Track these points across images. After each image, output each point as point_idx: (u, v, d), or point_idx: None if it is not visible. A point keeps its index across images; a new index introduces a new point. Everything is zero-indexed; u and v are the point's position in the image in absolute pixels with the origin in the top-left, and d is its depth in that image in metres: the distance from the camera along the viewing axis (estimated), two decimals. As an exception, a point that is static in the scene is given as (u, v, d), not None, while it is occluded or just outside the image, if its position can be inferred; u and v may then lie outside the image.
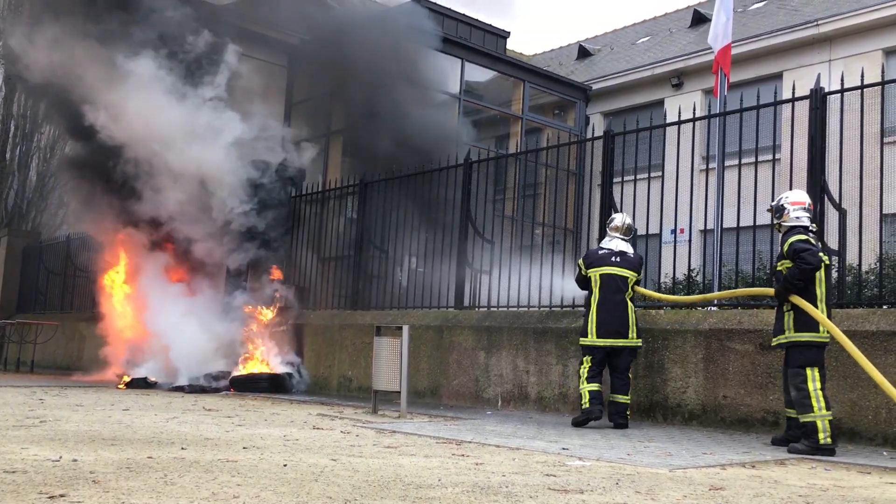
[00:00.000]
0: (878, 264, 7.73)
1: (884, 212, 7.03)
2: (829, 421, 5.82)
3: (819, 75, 8.40)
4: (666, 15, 25.25)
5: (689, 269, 10.31)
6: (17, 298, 20.53)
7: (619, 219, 7.96)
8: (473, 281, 10.49)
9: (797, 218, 6.23)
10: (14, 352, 17.63)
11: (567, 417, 8.12)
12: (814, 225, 6.40)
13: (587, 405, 7.33)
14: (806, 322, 5.98)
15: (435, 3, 18.37)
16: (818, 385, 5.91)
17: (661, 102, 18.97)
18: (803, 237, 6.07)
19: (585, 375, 7.46)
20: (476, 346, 9.59)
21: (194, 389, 11.04)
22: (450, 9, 18.64)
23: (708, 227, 8.91)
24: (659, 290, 10.06)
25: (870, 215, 7.27)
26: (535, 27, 59.17)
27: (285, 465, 4.36)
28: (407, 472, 4.26)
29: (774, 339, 6.26)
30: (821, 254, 6.14)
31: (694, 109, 8.90)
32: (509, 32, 20.07)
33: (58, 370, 16.27)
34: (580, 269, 7.86)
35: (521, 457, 5.14)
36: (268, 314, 12.02)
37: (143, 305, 12.90)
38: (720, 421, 7.32)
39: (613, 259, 7.67)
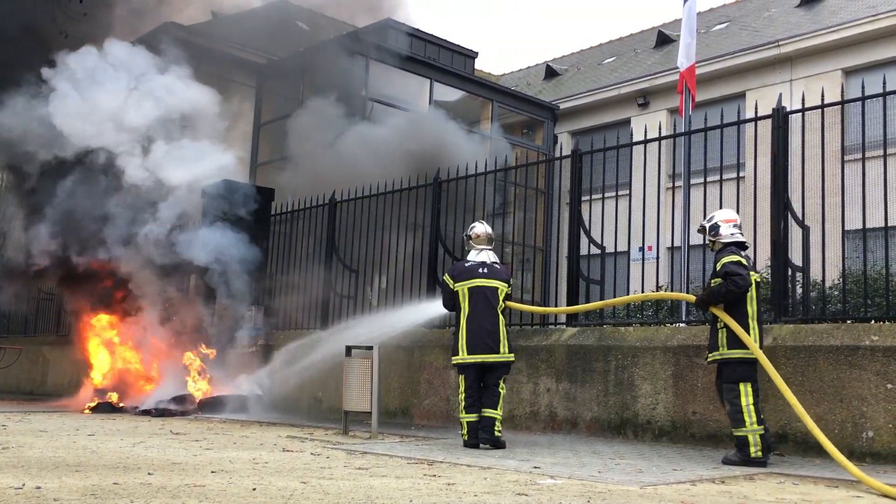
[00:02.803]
0: (841, 280, 7.86)
1: (846, 228, 7.16)
2: (761, 435, 5.99)
3: (781, 95, 8.58)
4: (631, 35, 25.62)
5: (658, 286, 10.41)
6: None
7: (480, 227, 7.56)
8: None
9: (732, 235, 6.39)
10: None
11: (538, 436, 8.13)
12: (747, 241, 6.53)
13: (465, 437, 7.05)
14: (737, 339, 6.11)
15: (403, 24, 18.46)
16: (751, 400, 6.05)
17: (627, 121, 19.21)
18: (736, 258, 6.22)
19: (463, 404, 7.11)
20: (447, 365, 9.56)
21: (161, 413, 10.87)
22: (418, 29, 18.75)
23: (675, 245, 9.01)
24: (627, 308, 10.15)
25: (832, 232, 7.39)
26: (503, 47, 59.72)
27: (254, 489, 4.30)
28: (378, 494, 4.23)
29: (709, 356, 6.36)
30: (751, 273, 6.27)
31: (660, 128, 9.02)
32: (477, 52, 20.24)
33: (21, 395, 15.94)
34: (447, 285, 7.43)
35: (493, 476, 5.13)
36: (239, 338, 11.91)
37: (114, 332, 12.77)
38: (690, 437, 7.36)
39: (481, 271, 7.29)
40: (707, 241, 6.62)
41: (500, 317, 7.24)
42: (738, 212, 7.70)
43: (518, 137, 20.42)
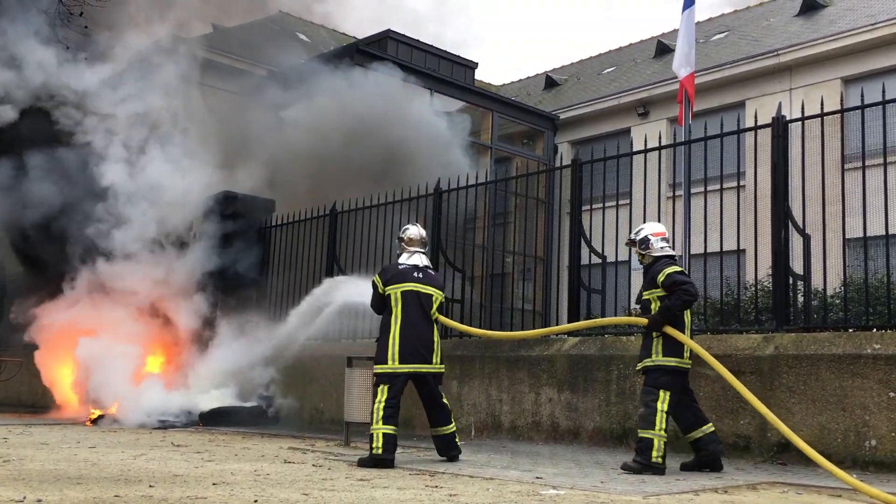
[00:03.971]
0: (842, 288, 7.85)
1: (847, 236, 7.16)
2: (665, 443, 5.98)
3: (780, 104, 8.59)
4: (630, 45, 25.70)
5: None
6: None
7: (413, 230, 7.14)
8: (445, 310, 10.47)
9: (662, 248, 6.40)
10: (-24, 390, 17.23)
11: (541, 446, 8.10)
12: (677, 253, 6.57)
13: (380, 451, 6.35)
14: (673, 348, 6.12)
15: (403, 35, 18.54)
16: (666, 408, 6.05)
17: (627, 131, 19.24)
18: (678, 268, 6.24)
19: (381, 413, 6.52)
20: (448, 375, 9.52)
21: (163, 425, 10.85)
22: (418, 40, 18.82)
23: (676, 254, 9.01)
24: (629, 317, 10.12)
25: (833, 240, 7.40)
26: (503, 58, 59.90)
27: (256, 501, 4.29)
28: (380, 505, 4.21)
29: (640, 364, 6.31)
30: None
31: (660, 138, 9.03)
32: (477, 63, 20.30)
33: (23, 408, 15.90)
34: (376, 286, 6.93)
35: (496, 487, 5.11)
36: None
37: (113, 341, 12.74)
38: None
39: (416, 275, 6.86)
40: (637, 254, 6.57)
41: (435, 325, 6.87)
42: (738, 220, 7.72)
43: (518, 147, 20.45)
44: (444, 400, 6.94)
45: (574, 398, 8.31)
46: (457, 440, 6.91)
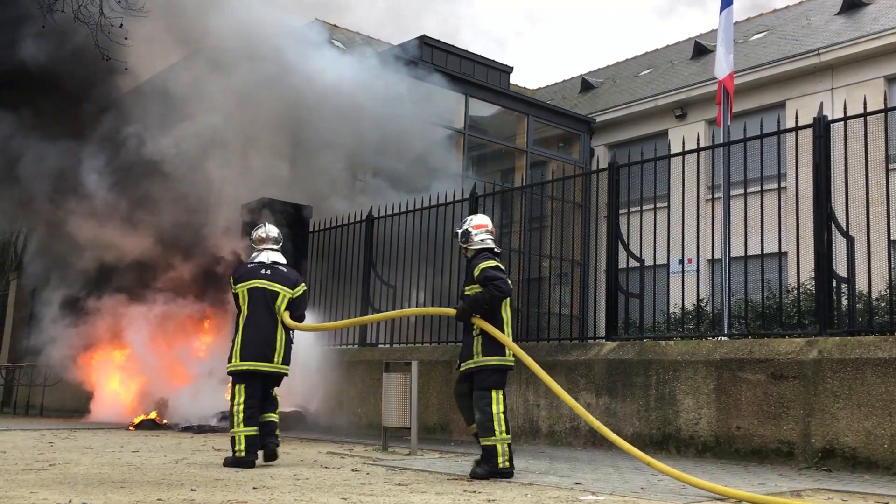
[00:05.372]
0: (888, 291, 7.69)
1: (892, 238, 7.01)
2: (508, 444, 5.84)
3: (822, 104, 8.45)
4: (667, 47, 25.44)
5: (698, 299, 10.28)
6: (27, 341, 20.56)
7: (260, 230, 7.12)
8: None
9: (482, 241, 6.25)
10: (23, 395, 17.61)
11: (579, 451, 8.05)
12: (499, 248, 6.38)
13: (243, 454, 6.37)
14: (493, 346, 5.97)
15: (439, 41, 18.58)
16: (501, 409, 5.90)
17: (664, 133, 19.05)
18: (494, 263, 6.07)
19: (241, 416, 6.47)
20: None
21: (204, 429, 10.98)
22: (453, 46, 18.86)
23: (715, 257, 8.90)
24: (668, 321, 10.03)
25: (878, 242, 7.24)
26: (538, 62, 59.74)
27: (296, 505, 4.32)
28: (418, 510, 4.21)
29: (463, 365, 6.12)
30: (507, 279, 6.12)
31: (698, 140, 8.94)
32: (512, 67, 20.26)
33: (67, 413, 16.22)
34: (231, 286, 6.95)
35: (534, 492, 5.09)
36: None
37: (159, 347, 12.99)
38: (734, 452, 7.24)
39: (263, 272, 6.81)
40: (461, 248, 6.44)
41: (280, 324, 6.74)
42: (780, 222, 7.60)
43: (554, 151, 20.37)
44: (275, 393, 6.87)
45: (613, 403, 8.24)
46: (277, 431, 6.75)
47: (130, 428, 11.65)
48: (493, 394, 5.91)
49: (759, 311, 9.49)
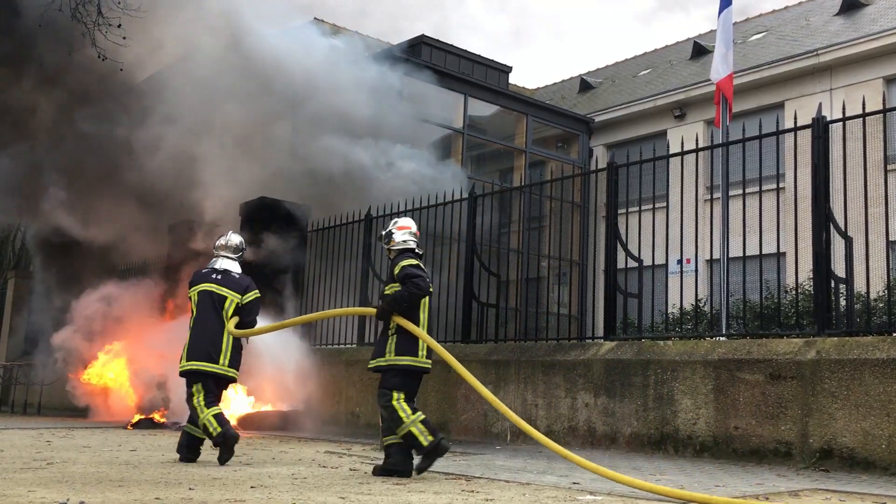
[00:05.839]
0: (886, 292, 7.69)
1: (890, 238, 7.02)
2: (422, 421, 5.79)
3: (820, 104, 8.46)
4: (666, 47, 25.46)
5: (697, 299, 10.28)
6: (25, 340, 20.55)
7: (222, 238, 7.37)
8: (480, 314, 10.48)
9: (404, 241, 6.29)
10: (21, 394, 17.59)
11: (577, 451, 8.04)
12: (420, 249, 6.40)
13: (219, 429, 6.57)
14: (407, 347, 5.96)
15: (438, 41, 18.58)
16: (402, 398, 5.85)
17: (663, 133, 19.07)
18: (414, 262, 6.10)
19: (203, 403, 6.74)
20: (484, 380, 9.52)
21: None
22: (452, 45, 18.87)
23: (714, 257, 8.91)
24: (666, 321, 10.03)
25: (876, 242, 7.25)
26: (537, 61, 59.75)
27: (294, 504, 4.32)
28: (416, 510, 4.21)
29: (373, 362, 6.10)
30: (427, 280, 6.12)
31: (697, 140, 8.94)
32: (511, 67, 20.27)
33: (65, 412, 16.21)
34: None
35: (532, 492, 5.09)
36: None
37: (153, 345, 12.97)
38: (732, 452, 7.24)
39: (214, 277, 7.06)
40: (385, 250, 6.48)
41: (226, 326, 6.90)
42: (778, 223, 7.60)
43: (553, 151, 20.38)
44: (219, 404, 6.96)
45: (611, 403, 8.25)
46: (201, 446, 6.83)
47: (128, 427, 11.64)
48: (395, 393, 5.89)
49: (758, 312, 9.51)
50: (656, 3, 58.56)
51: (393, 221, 6.53)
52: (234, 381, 7.08)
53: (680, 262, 8.94)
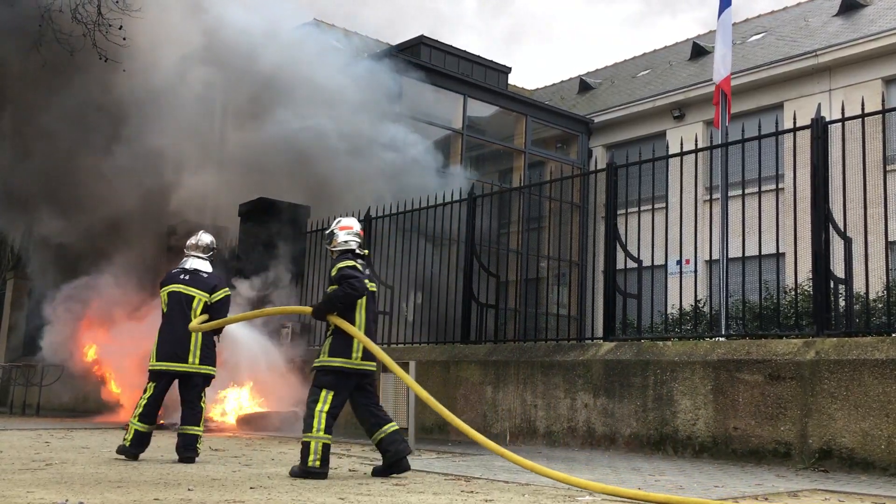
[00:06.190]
0: (885, 292, 7.69)
1: (889, 239, 7.02)
2: (324, 444, 5.75)
3: (819, 105, 8.47)
4: (665, 48, 25.46)
5: (696, 300, 10.28)
6: (24, 340, 20.54)
7: (191, 239, 7.48)
8: (479, 315, 10.48)
9: (345, 242, 6.28)
10: (20, 394, 17.58)
11: (576, 452, 8.05)
12: (364, 251, 6.40)
13: (127, 443, 6.77)
14: (339, 349, 5.96)
15: (437, 41, 18.58)
16: (327, 408, 5.83)
17: (662, 134, 19.07)
18: (351, 263, 6.08)
19: (140, 409, 6.85)
20: (483, 380, 9.54)
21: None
22: (452, 46, 18.87)
23: (713, 258, 8.90)
24: (666, 321, 10.03)
25: (875, 243, 7.25)
26: (536, 62, 59.73)
27: (293, 505, 4.31)
28: (416, 511, 4.21)
29: (316, 362, 6.11)
30: (367, 282, 6.11)
31: (696, 141, 8.94)
32: (510, 68, 20.28)
33: (64, 412, 16.19)
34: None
35: (531, 493, 5.09)
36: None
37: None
38: (731, 453, 7.24)
39: (182, 277, 7.17)
40: (328, 251, 6.49)
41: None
42: (778, 223, 7.61)
43: (552, 152, 20.38)
44: (202, 404, 7.05)
45: (610, 404, 8.25)
46: (197, 444, 6.87)
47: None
48: (323, 392, 5.88)
49: (757, 312, 9.51)
50: (643, 6, 58.69)
51: (336, 221, 6.52)
52: (210, 377, 7.14)
53: (679, 262, 8.94)
